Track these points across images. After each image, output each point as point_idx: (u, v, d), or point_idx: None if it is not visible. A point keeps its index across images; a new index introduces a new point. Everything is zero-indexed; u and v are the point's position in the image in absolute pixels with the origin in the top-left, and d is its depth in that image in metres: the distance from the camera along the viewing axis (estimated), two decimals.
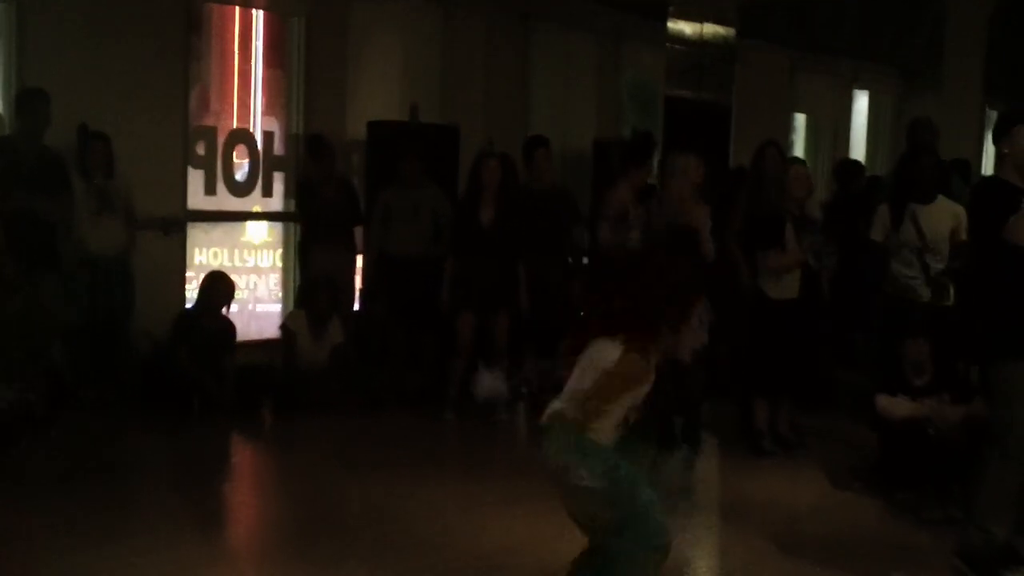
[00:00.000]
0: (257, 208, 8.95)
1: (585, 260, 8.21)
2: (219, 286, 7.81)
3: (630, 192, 7.44)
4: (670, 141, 10.11)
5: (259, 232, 9.08)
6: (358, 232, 8.54)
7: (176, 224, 8.22)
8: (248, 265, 8.93)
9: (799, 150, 13.14)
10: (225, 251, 8.84)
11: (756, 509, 5.99)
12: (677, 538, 5.39)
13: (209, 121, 8.62)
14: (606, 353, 3.82)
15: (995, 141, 5.09)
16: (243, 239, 8.98)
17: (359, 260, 8.61)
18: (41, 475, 6.02)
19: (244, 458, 7.21)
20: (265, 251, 9.10)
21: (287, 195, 8.97)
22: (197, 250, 8.60)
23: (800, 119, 13.65)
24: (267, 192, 8.92)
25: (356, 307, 8.57)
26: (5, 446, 6.24)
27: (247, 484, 6.59)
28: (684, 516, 5.97)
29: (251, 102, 8.89)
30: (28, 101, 6.90)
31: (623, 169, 7.67)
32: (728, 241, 7.20)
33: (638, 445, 4.03)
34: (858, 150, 13.96)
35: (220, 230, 8.79)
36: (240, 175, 8.78)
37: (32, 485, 5.79)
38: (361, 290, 8.56)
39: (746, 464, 6.90)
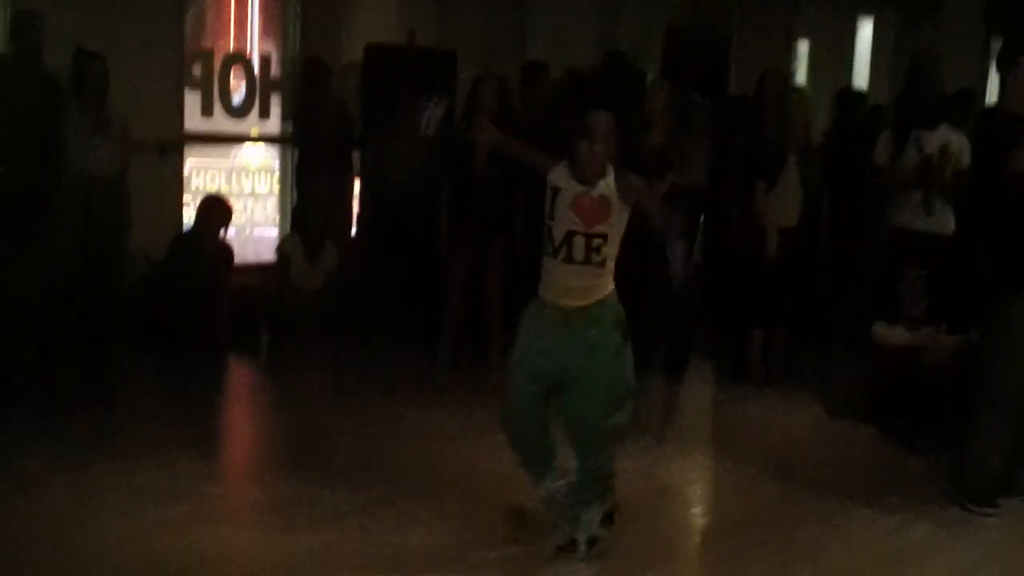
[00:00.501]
0: (255, 131, 8.88)
1: None
2: (216, 209, 7.77)
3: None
4: (669, 68, 10.04)
5: (256, 156, 9.02)
6: (356, 157, 8.48)
7: (172, 147, 8.16)
8: (245, 189, 8.89)
9: (801, 78, 13.02)
10: (222, 175, 8.79)
11: (750, 435, 6.05)
12: (667, 463, 5.52)
13: (206, 44, 8.52)
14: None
15: (999, 69, 5.05)
16: (240, 163, 8.93)
17: (356, 185, 8.56)
18: (35, 398, 6.03)
19: (238, 381, 7.23)
20: (262, 175, 9.05)
21: (284, 118, 8.90)
22: (194, 174, 8.55)
23: (803, 46, 13.50)
24: (264, 115, 8.85)
25: (353, 232, 8.53)
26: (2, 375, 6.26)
27: (241, 406, 6.63)
28: (677, 441, 6.06)
29: (248, 24, 8.79)
30: (23, 23, 6.80)
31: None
32: (729, 170, 7.16)
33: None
34: (861, 78, 13.83)
35: (217, 153, 8.74)
36: (237, 98, 8.71)
37: (26, 408, 5.81)
38: (357, 215, 8.52)
39: (741, 393, 6.94)
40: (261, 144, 8.94)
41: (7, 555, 3.89)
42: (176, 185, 8.30)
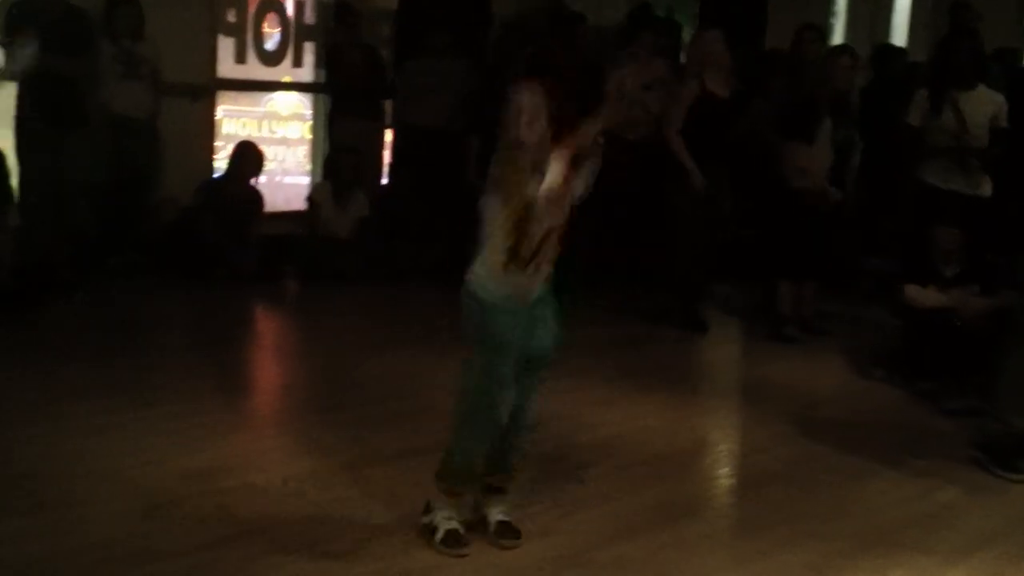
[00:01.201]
0: (287, 78, 8.86)
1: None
2: (249, 156, 7.79)
3: (621, 68, 7.47)
4: (705, 20, 9.94)
5: (287, 103, 9.00)
6: (387, 104, 8.46)
7: (204, 92, 8.16)
8: (276, 136, 8.88)
9: (838, 34, 12.86)
10: (254, 121, 8.79)
11: (776, 393, 6.02)
12: (693, 419, 5.53)
13: None
14: None
15: None
16: (271, 110, 8.91)
17: (388, 132, 8.54)
18: (63, 338, 6.07)
19: (267, 326, 7.27)
20: (294, 122, 9.04)
21: (317, 65, 8.87)
22: (225, 120, 8.55)
23: (840, 1, 13.32)
24: (297, 62, 8.82)
25: (384, 179, 8.53)
26: (28, 307, 6.32)
27: (269, 352, 6.65)
28: (705, 396, 6.06)
29: None
30: None
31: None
32: (761, 125, 7.10)
33: None
34: (899, 35, 13.64)
35: (249, 99, 8.73)
36: (270, 44, 8.68)
37: (53, 347, 5.84)
38: (389, 162, 8.52)
39: (768, 349, 6.92)
40: (293, 91, 8.92)
41: (31, 500, 3.90)
42: (207, 131, 8.30)
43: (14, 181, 6.75)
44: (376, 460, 4.54)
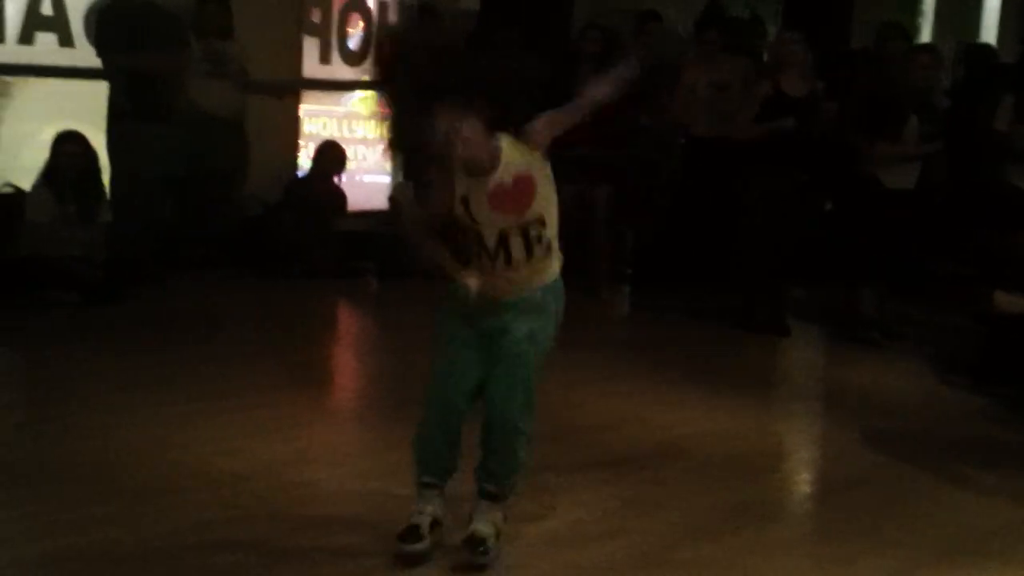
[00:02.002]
0: (367, 77, 8.93)
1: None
2: (332, 154, 7.90)
3: (698, 66, 7.66)
4: (789, 18, 9.84)
5: (369, 102, 9.08)
6: None
7: (289, 91, 8.27)
8: (356, 135, 8.97)
9: (926, 33, 12.65)
10: (334, 120, 8.88)
11: (856, 397, 5.95)
12: (772, 425, 5.48)
13: None
14: None
15: None
16: (352, 109, 9.00)
17: None
18: (147, 330, 6.21)
19: (345, 322, 7.35)
20: (374, 122, 9.11)
21: None
22: (307, 118, 8.65)
23: (928, 2, 13.10)
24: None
25: None
26: (113, 299, 6.46)
27: (346, 347, 6.72)
28: (782, 399, 6.01)
29: None
30: None
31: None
32: (846, 124, 7.01)
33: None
34: (989, 34, 13.37)
35: (331, 99, 8.82)
36: (353, 44, 8.77)
37: (138, 339, 5.97)
38: None
39: (847, 352, 6.84)
40: (365, 91, 8.99)
41: (114, 487, 3.99)
42: (292, 129, 8.42)
43: (105, 178, 6.91)
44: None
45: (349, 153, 8.41)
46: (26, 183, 6.54)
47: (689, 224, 7.71)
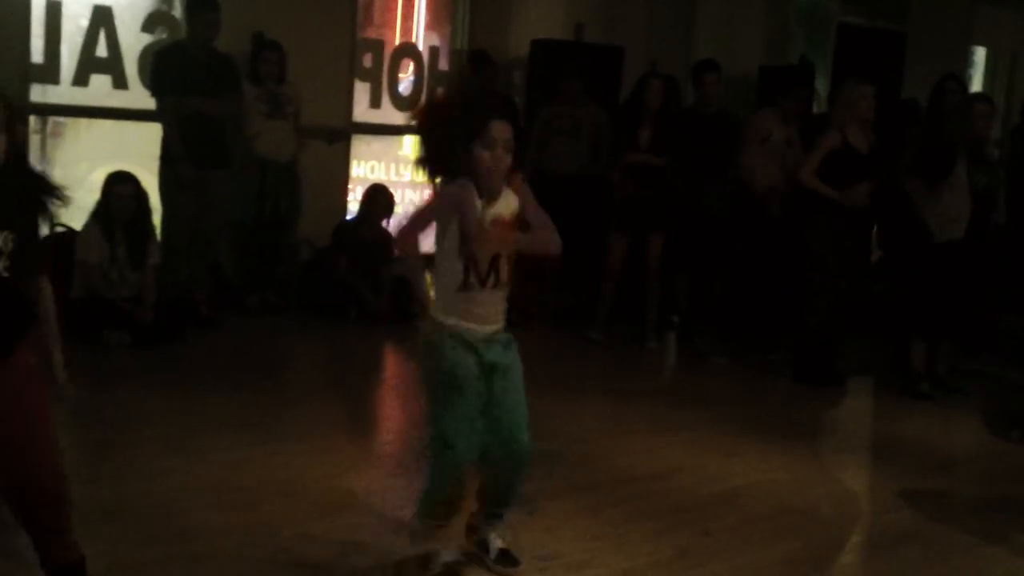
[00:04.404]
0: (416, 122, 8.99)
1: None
2: (380, 198, 7.93)
3: (773, 118, 7.61)
4: (841, 69, 9.82)
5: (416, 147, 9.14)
6: None
7: (341, 135, 8.35)
8: (404, 179, 9.02)
9: (977, 84, 12.58)
10: (382, 164, 8.95)
11: (909, 451, 5.86)
12: (824, 474, 5.40)
13: (372, 34, 8.69)
14: None
15: None
16: (400, 153, 9.07)
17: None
18: (202, 373, 6.23)
19: (397, 366, 7.34)
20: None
21: None
22: (355, 162, 8.72)
23: (979, 52, 13.04)
24: None
25: None
26: (166, 341, 6.49)
27: (398, 391, 6.71)
28: (835, 451, 5.92)
29: (414, 16, 8.92)
30: (200, 8, 7.04)
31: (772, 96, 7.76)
32: (899, 175, 6.95)
33: None
34: None
35: (379, 143, 8.89)
36: (404, 89, 8.85)
37: (191, 382, 5.99)
38: None
39: (901, 405, 6.74)
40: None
41: (172, 528, 4.00)
42: (342, 173, 8.50)
43: (156, 220, 6.98)
44: None
45: (396, 197, 8.46)
46: (78, 223, 6.61)
47: (745, 275, 7.67)
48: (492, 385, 3.63)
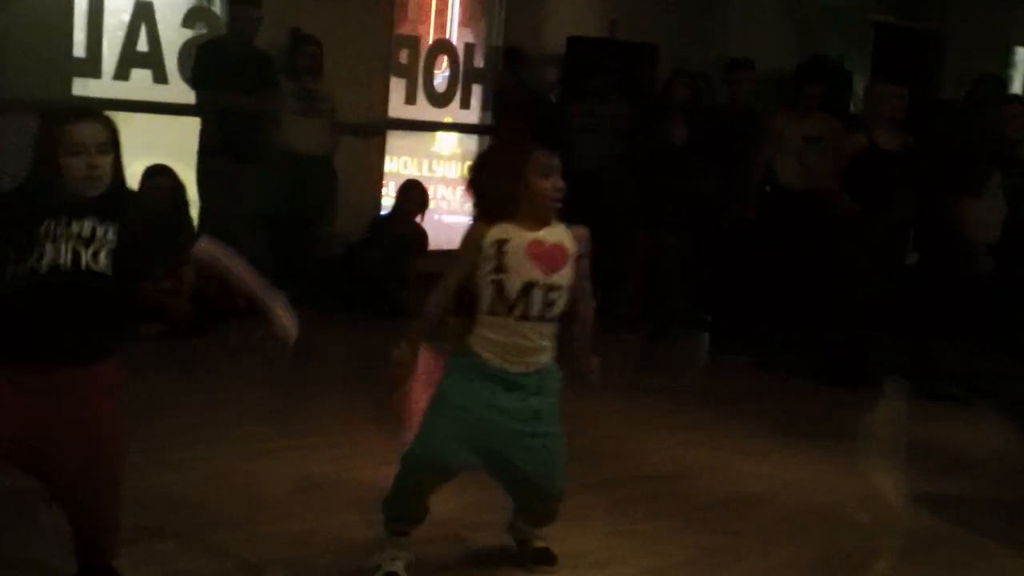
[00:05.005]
0: (448, 119, 9.05)
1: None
2: (414, 194, 7.97)
3: (785, 116, 7.56)
4: (877, 69, 9.78)
5: (448, 143, 9.19)
6: None
7: (376, 131, 8.39)
8: (436, 175, 9.07)
9: (1016, 86, 12.48)
10: (415, 160, 8.99)
11: (936, 451, 5.84)
12: (846, 476, 5.40)
13: (406, 30, 8.73)
14: None
15: None
16: (432, 149, 9.11)
17: None
18: (234, 364, 6.26)
19: (425, 362, 7.35)
20: (454, 162, 9.22)
21: (484, 108, 9.04)
22: (388, 157, 8.77)
23: (1020, 53, 12.93)
24: (465, 104, 9.02)
25: None
26: (200, 332, 6.56)
27: (426, 387, 6.72)
28: (861, 452, 5.92)
29: (451, 13, 8.96)
30: (241, 4, 7.11)
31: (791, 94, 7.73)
32: (932, 177, 6.93)
33: None
34: None
35: (413, 138, 8.94)
36: (440, 86, 8.89)
37: (225, 373, 6.05)
38: None
39: (926, 406, 6.73)
40: (453, 132, 9.10)
41: (198, 520, 4.03)
42: (376, 169, 8.54)
43: (194, 212, 7.05)
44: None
45: (430, 193, 8.51)
46: None
47: (770, 273, 7.65)
48: (515, 425, 3.54)
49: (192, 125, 7.17)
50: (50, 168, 2.99)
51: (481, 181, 3.63)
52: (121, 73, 7.42)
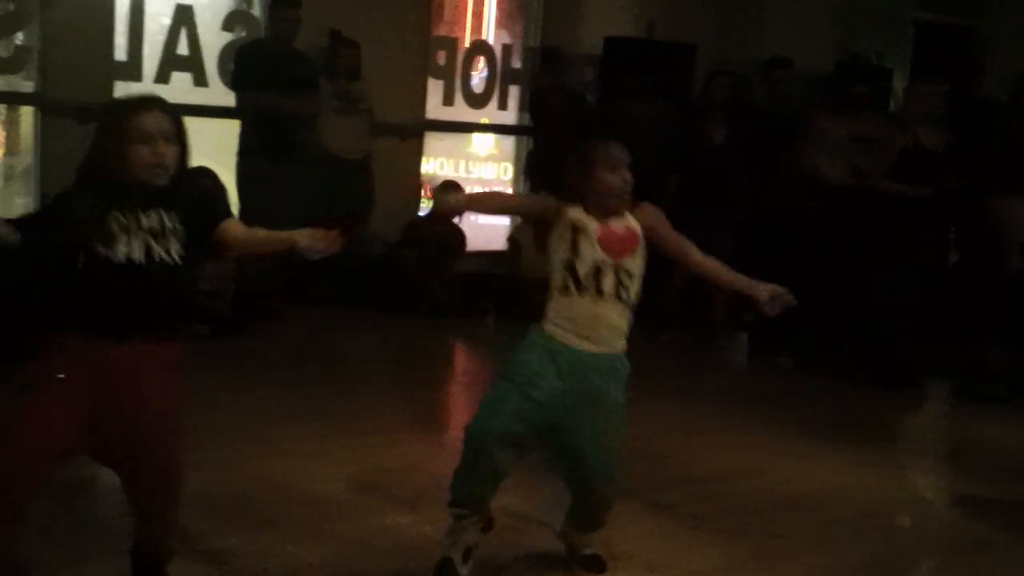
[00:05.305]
0: (484, 120, 9.05)
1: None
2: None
3: (828, 116, 7.51)
4: (917, 67, 9.70)
5: (485, 144, 9.19)
6: None
7: (413, 132, 8.40)
8: (472, 176, 9.07)
9: None
10: (451, 161, 9.00)
11: (984, 455, 5.79)
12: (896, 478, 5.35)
13: (443, 32, 8.74)
14: None
15: None
16: (469, 150, 9.12)
17: None
18: (272, 365, 6.31)
19: (464, 362, 7.39)
20: (490, 163, 9.22)
21: (521, 109, 9.04)
22: (425, 158, 8.78)
23: None
24: (502, 105, 9.01)
25: None
26: (240, 333, 6.59)
27: (465, 388, 6.75)
28: (909, 455, 5.86)
29: (489, 14, 8.96)
30: (281, 7, 7.13)
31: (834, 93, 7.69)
32: (976, 176, 6.86)
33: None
34: None
35: (449, 140, 8.95)
36: (477, 87, 8.89)
37: (266, 373, 6.07)
38: None
39: (975, 409, 6.65)
40: (489, 133, 9.10)
41: (247, 519, 4.06)
42: (413, 170, 8.55)
43: (234, 212, 7.07)
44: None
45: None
46: None
47: (816, 274, 7.59)
48: (578, 409, 3.54)
49: (232, 128, 7.19)
50: (116, 157, 3.00)
51: (549, 175, 3.75)
52: (162, 76, 7.46)
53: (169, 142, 3.04)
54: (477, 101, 8.87)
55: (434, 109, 8.68)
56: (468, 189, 8.60)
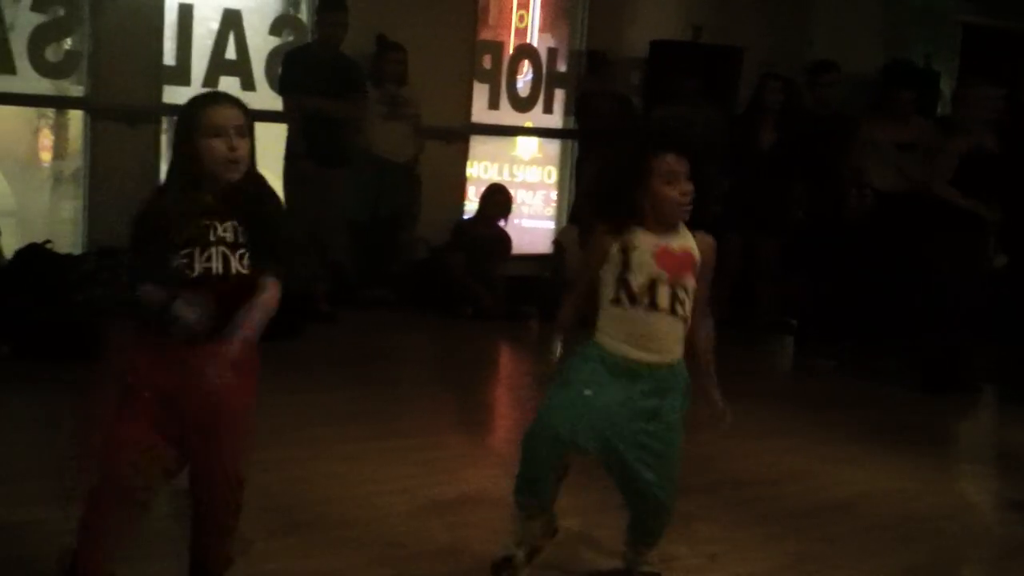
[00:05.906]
0: (529, 123, 9.07)
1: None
2: (498, 197, 8.01)
3: (875, 121, 7.39)
4: (965, 70, 9.61)
5: (529, 148, 9.21)
6: None
7: (459, 136, 8.44)
8: (517, 180, 9.08)
9: None
10: (496, 165, 9.02)
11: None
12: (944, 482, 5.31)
13: (487, 35, 8.77)
14: None
15: None
16: (513, 153, 9.14)
17: None
18: (319, 367, 6.36)
19: (509, 365, 7.40)
20: (534, 167, 9.23)
21: (567, 112, 9.05)
22: (470, 162, 8.81)
23: None
24: (547, 109, 9.03)
25: None
26: (288, 337, 6.63)
27: (510, 390, 6.77)
28: (958, 460, 5.81)
29: (534, 18, 8.98)
30: (329, 8, 7.19)
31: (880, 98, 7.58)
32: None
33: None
34: None
35: (494, 143, 8.97)
36: (522, 90, 8.91)
37: (313, 376, 6.12)
38: None
39: (1015, 412, 6.62)
40: (534, 137, 9.12)
41: (291, 520, 4.08)
42: (459, 173, 8.58)
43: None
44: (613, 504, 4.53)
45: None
46: None
47: (865, 279, 7.55)
48: (633, 421, 3.51)
49: (280, 132, 7.25)
50: (189, 152, 2.99)
51: (604, 191, 3.63)
52: (210, 81, 7.53)
53: (242, 135, 3.02)
54: (522, 105, 8.89)
55: (479, 113, 8.71)
56: (513, 192, 8.67)
